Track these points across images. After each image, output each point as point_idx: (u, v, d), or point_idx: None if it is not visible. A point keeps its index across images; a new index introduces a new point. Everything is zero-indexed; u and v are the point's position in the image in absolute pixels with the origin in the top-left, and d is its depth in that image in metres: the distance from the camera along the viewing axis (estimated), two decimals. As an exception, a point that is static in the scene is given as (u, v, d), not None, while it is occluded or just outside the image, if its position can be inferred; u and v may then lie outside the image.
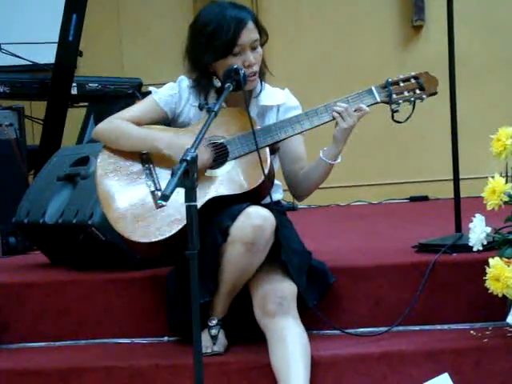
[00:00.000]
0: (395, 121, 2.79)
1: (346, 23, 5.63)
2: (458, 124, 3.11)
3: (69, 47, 4.62)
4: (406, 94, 2.80)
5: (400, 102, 2.79)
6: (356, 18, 5.62)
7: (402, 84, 2.80)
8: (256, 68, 2.77)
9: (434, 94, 2.82)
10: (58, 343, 3.02)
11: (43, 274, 3.27)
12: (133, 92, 4.91)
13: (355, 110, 2.74)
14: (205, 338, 2.69)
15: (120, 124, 2.82)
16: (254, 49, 2.77)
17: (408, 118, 2.78)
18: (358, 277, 2.92)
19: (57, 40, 4.65)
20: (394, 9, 5.60)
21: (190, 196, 2.24)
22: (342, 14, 5.63)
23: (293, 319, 2.66)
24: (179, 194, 2.28)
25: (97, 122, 2.96)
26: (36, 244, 3.65)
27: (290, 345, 2.59)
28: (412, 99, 2.80)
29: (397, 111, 2.79)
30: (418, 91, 2.81)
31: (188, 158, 2.26)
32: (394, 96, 2.78)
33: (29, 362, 2.86)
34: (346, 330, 2.81)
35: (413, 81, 2.81)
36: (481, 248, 2.75)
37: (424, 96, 2.81)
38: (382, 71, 2.95)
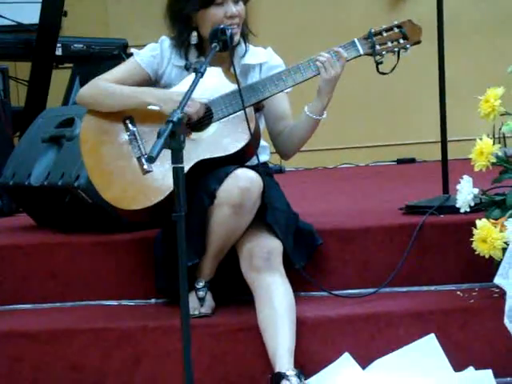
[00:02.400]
0: (380, 73, 2.75)
1: (333, -17, 5.57)
2: (445, 85, 3.09)
3: (53, 7, 4.57)
4: (389, 44, 2.76)
5: (383, 53, 2.75)
6: (343, -22, 5.56)
7: (385, 34, 2.76)
8: (238, 21, 2.75)
9: (418, 42, 2.78)
10: (44, 305, 3.02)
11: (29, 237, 3.26)
12: (118, 53, 4.86)
13: (336, 57, 2.70)
14: (192, 300, 2.69)
15: (103, 85, 2.80)
16: (236, 1, 2.74)
17: (393, 69, 2.74)
18: (346, 239, 2.92)
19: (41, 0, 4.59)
20: (382, -32, 5.55)
21: (177, 158, 2.22)
22: (329, -26, 5.57)
23: (279, 275, 2.66)
24: (166, 160, 2.27)
25: (82, 84, 2.94)
26: (22, 206, 3.63)
27: (277, 304, 2.59)
28: (396, 49, 2.76)
29: (381, 63, 2.75)
30: (401, 41, 2.76)
31: (174, 119, 2.23)
32: (378, 47, 2.75)
33: (16, 324, 2.86)
34: (333, 292, 2.82)
35: (396, 30, 2.77)
36: (468, 209, 2.75)
37: (408, 45, 2.76)
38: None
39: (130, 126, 2.78)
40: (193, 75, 2.53)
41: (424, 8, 4.97)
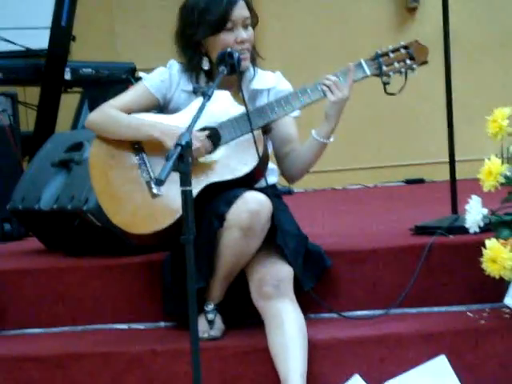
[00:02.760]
0: (388, 93, 2.75)
1: (340, 6, 5.59)
2: (453, 105, 3.10)
3: (62, 32, 4.60)
4: (396, 65, 2.76)
5: (390, 74, 2.75)
6: (350, 1, 5.59)
7: (391, 55, 2.76)
8: (248, 46, 2.76)
9: (425, 63, 2.78)
10: (54, 329, 3.01)
11: (39, 261, 3.27)
12: (127, 77, 4.89)
13: (346, 75, 2.70)
14: (201, 322, 2.69)
15: (112, 114, 2.80)
16: (245, 27, 2.76)
17: (401, 90, 2.73)
18: (355, 260, 2.91)
19: (50, 25, 4.62)
20: (389, -9, 5.57)
21: (186, 181, 2.23)
22: (336, -3, 5.59)
23: (290, 302, 2.66)
24: (175, 184, 2.27)
25: (91, 108, 2.95)
26: (31, 230, 3.64)
27: (288, 329, 2.59)
28: (402, 70, 2.76)
29: (388, 83, 2.76)
30: (408, 61, 2.76)
31: (182, 143, 2.25)
32: (384, 68, 2.75)
33: (26, 349, 2.85)
34: (343, 314, 2.81)
35: (403, 51, 2.77)
36: (477, 230, 2.74)
37: (414, 66, 2.76)
38: (376, 54, 2.93)
39: (138, 150, 2.79)
40: (201, 99, 2.54)
41: (430, 29, 4.99)
